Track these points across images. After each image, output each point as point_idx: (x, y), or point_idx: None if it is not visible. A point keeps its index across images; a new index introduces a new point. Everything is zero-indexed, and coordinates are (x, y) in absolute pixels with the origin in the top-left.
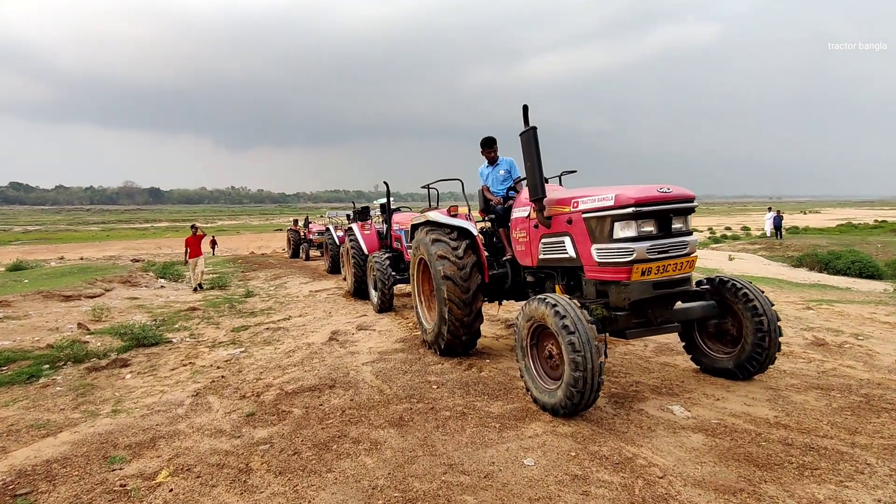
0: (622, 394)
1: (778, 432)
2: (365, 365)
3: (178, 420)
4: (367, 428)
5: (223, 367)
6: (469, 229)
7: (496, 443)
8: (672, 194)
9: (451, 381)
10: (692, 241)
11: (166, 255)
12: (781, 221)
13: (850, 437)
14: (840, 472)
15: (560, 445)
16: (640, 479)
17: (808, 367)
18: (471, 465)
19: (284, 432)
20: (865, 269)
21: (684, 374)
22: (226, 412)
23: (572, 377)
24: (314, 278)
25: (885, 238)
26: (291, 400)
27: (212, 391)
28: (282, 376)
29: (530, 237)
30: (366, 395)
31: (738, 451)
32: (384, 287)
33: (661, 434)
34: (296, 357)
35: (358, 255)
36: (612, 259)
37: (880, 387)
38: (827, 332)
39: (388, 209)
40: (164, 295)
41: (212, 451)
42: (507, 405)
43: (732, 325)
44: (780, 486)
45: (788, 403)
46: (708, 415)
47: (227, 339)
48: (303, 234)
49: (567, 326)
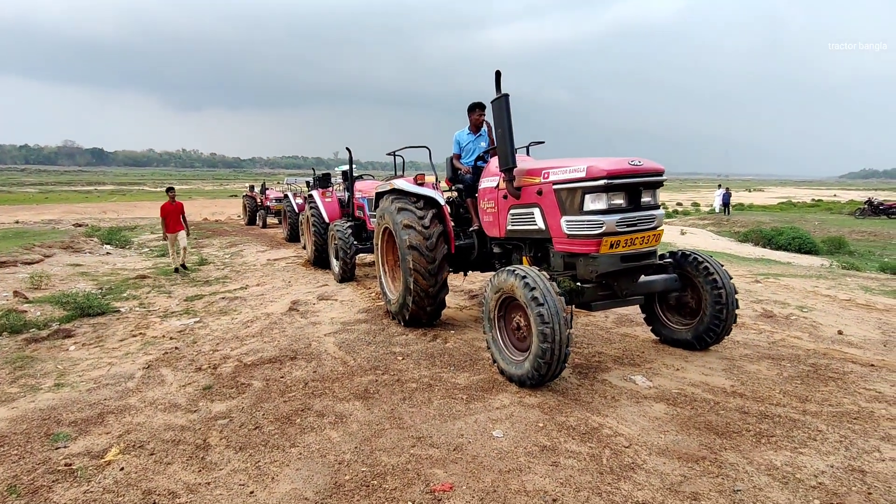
0: (585, 364)
1: (734, 401)
2: (327, 336)
3: (129, 394)
4: (331, 401)
5: (176, 338)
6: (436, 198)
7: (464, 415)
8: (643, 167)
9: (416, 353)
10: (660, 214)
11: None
12: (730, 198)
13: (801, 404)
14: (794, 438)
15: (528, 416)
16: (607, 449)
17: (758, 337)
18: (439, 437)
19: (244, 406)
20: (805, 245)
21: (644, 345)
22: (180, 385)
23: (540, 348)
24: (272, 246)
25: (821, 216)
26: (251, 372)
27: (165, 363)
28: (240, 347)
29: (498, 208)
30: (329, 366)
31: (699, 419)
32: (346, 256)
33: (625, 404)
34: (254, 328)
35: (319, 223)
36: (582, 231)
37: (825, 356)
38: (775, 305)
39: (351, 176)
40: (110, 262)
41: (166, 427)
42: (473, 376)
43: (692, 297)
44: (739, 454)
45: (743, 373)
46: (668, 385)
47: (179, 308)
48: (259, 200)
49: (536, 298)
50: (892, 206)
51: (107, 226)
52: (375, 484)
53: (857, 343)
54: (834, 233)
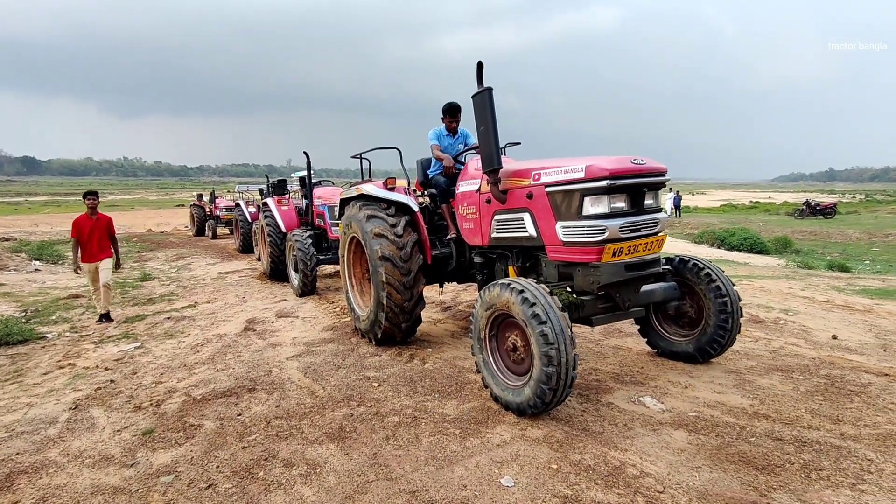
0: (583, 384)
1: (762, 424)
2: (290, 360)
3: (49, 445)
4: (300, 444)
5: (113, 369)
6: (409, 204)
7: (462, 457)
8: (647, 167)
9: (393, 377)
10: (663, 218)
11: (44, 234)
12: (680, 201)
13: (836, 426)
14: (846, 472)
15: (537, 456)
16: (638, 496)
17: (756, 346)
18: (437, 490)
19: (193, 456)
20: (756, 245)
21: (641, 359)
22: (115, 430)
23: (544, 373)
24: (223, 258)
25: (763, 217)
26: (201, 409)
27: (97, 401)
28: (188, 378)
29: (480, 213)
30: (295, 398)
31: (730, 450)
32: (306, 269)
33: (641, 433)
34: (205, 352)
35: (275, 233)
36: (581, 238)
37: (834, 366)
38: (759, 309)
39: (309, 183)
40: (38, 280)
41: (94, 490)
42: (462, 404)
43: (691, 306)
44: (792, 494)
45: (757, 389)
46: (682, 406)
47: (118, 332)
48: (208, 209)
49: (538, 315)
50: (826, 206)
51: (37, 239)
52: None
53: (856, 349)
54: (779, 233)
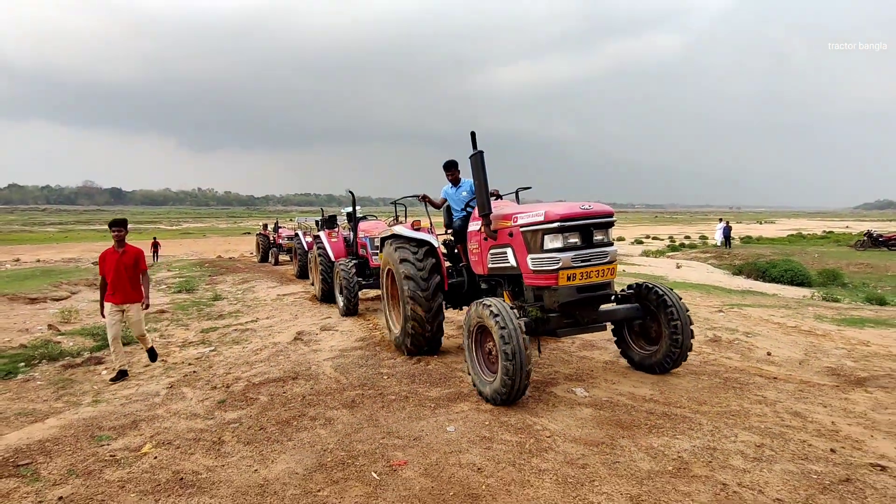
0: (541, 381)
1: (647, 405)
2: (326, 360)
3: (156, 407)
4: (323, 409)
5: (194, 364)
6: (430, 241)
7: (428, 417)
8: (592, 210)
9: (400, 373)
10: (612, 251)
11: None
12: (730, 232)
13: (697, 406)
14: (677, 429)
15: (478, 418)
16: (531, 438)
17: (696, 358)
18: (404, 432)
19: (252, 414)
20: (797, 276)
21: (595, 365)
22: (199, 400)
23: (504, 367)
24: (282, 283)
25: (824, 248)
26: (258, 389)
27: (185, 384)
28: (249, 370)
29: (481, 248)
30: (324, 384)
31: (613, 418)
32: (349, 293)
33: (561, 409)
34: (262, 354)
35: (325, 261)
36: (544, 267)
37: (742, 372)
38: (724, 331)
39: (354, 218)
40: None
41: (188, 430)
42: (444, 390)
43: (653, 326)
44: (630, 440)
45: (666, 385)
46: (602, 394)
47: (196, 339)
48: (272, 238)
49: (499, 322)
50: (890, 238)
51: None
52: (349, 462)
53: (779, 362)
54: (832, 265)
